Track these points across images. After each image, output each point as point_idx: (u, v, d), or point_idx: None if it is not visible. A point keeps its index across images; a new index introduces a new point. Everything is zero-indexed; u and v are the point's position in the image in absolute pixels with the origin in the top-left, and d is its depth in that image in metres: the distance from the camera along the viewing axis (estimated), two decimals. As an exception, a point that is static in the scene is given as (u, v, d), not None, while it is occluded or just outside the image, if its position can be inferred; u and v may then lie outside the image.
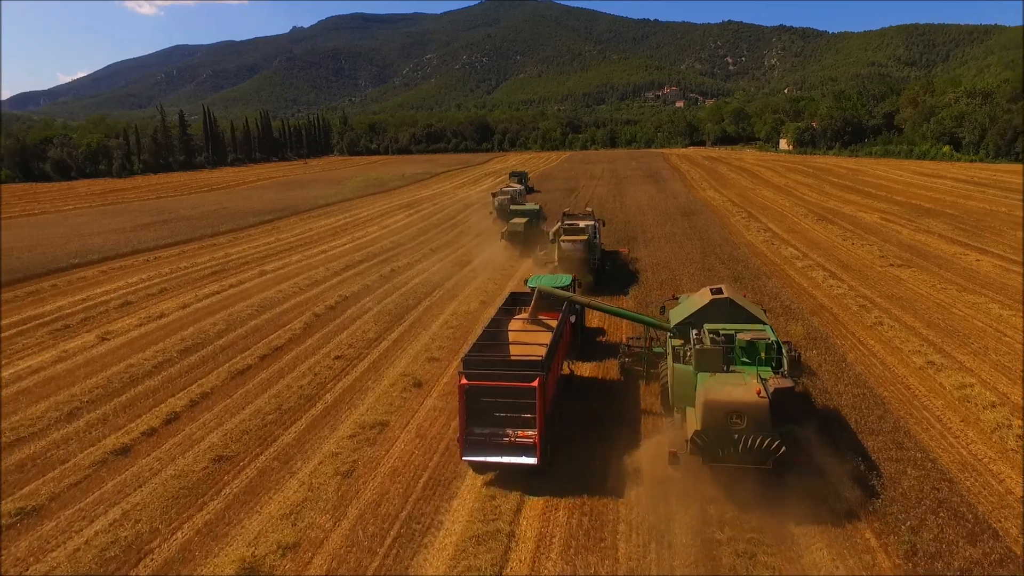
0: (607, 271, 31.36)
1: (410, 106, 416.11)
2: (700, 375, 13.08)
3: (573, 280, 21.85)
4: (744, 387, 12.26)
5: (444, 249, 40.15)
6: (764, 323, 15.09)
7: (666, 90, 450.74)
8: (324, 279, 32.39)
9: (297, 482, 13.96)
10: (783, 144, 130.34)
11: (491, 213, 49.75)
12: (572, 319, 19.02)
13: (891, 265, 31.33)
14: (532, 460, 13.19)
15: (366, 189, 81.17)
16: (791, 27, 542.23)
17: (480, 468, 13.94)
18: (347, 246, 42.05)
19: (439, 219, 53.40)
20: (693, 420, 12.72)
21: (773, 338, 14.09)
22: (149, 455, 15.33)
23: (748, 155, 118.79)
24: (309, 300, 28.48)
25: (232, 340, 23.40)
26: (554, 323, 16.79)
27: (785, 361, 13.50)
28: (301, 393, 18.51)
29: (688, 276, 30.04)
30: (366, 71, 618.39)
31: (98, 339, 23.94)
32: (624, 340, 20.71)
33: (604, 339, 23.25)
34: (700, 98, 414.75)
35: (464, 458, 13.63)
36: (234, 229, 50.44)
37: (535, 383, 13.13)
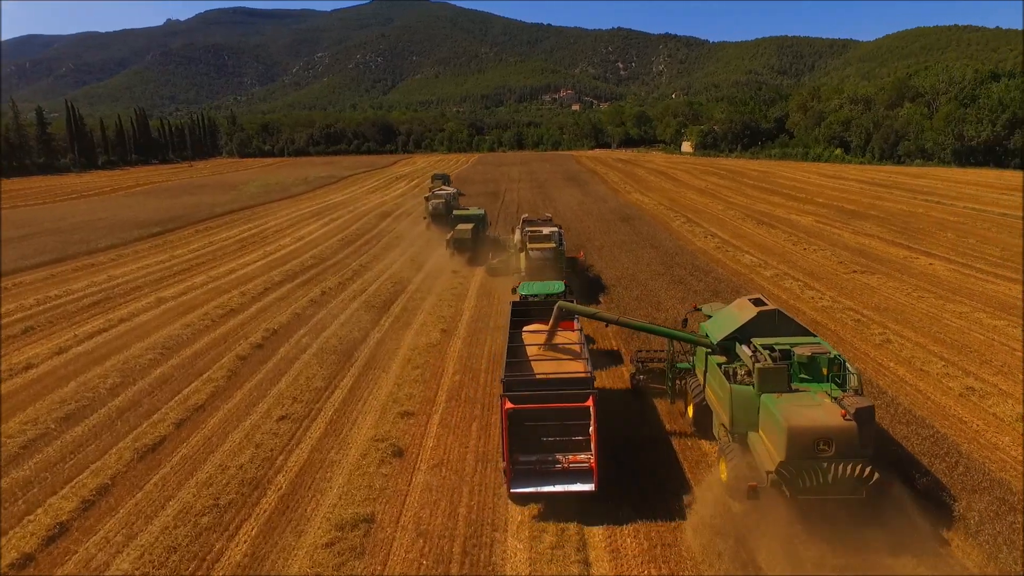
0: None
1: (302, 106, 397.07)
2: (765, 397, 11.88)
3: (567, 287, 20.36)
4: (825, 409, 11.20)
5: (376, 264, 35.63)
6: (814, 336, 13.71)
7: (562, 93, 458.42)
8: (241, 307, 27.12)
9: (264, 634, 9.70)
10: (686, 147, 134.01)
11: (424, 219, 45.93)
12: None
13: (854, 272, 30.53)
14: (589, 486, 12.16)
15: (267, 195, 73.91)
16: (676, 35, 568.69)
17: (525, 500, 12.57)
18: (260, 263, 36.46)
19: (360, 228, 48.42)
20: (769, 448, 11.52)
21: (834, 352, 12.78)
22: (25, 605, 10.41)
23: (657, 157, 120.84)
24: (228, 337, 23.33)
25: (133, 399, 18.13)
26: (571, 334, 15.85)
27: (854, 377, 12.13)
28: (243, 477, 13.94)
29: (663, 291, 27.60)
30: (252, 68, 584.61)
31: (-63, 408, 17.84)
32: (633, 355, 18.91)
33: (594, 347, 20.99)
34: (595, 101, 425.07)
35: (512, 491, 12.34)
36: (116, 245, 42.98)
37: (589, 402, 12.18)
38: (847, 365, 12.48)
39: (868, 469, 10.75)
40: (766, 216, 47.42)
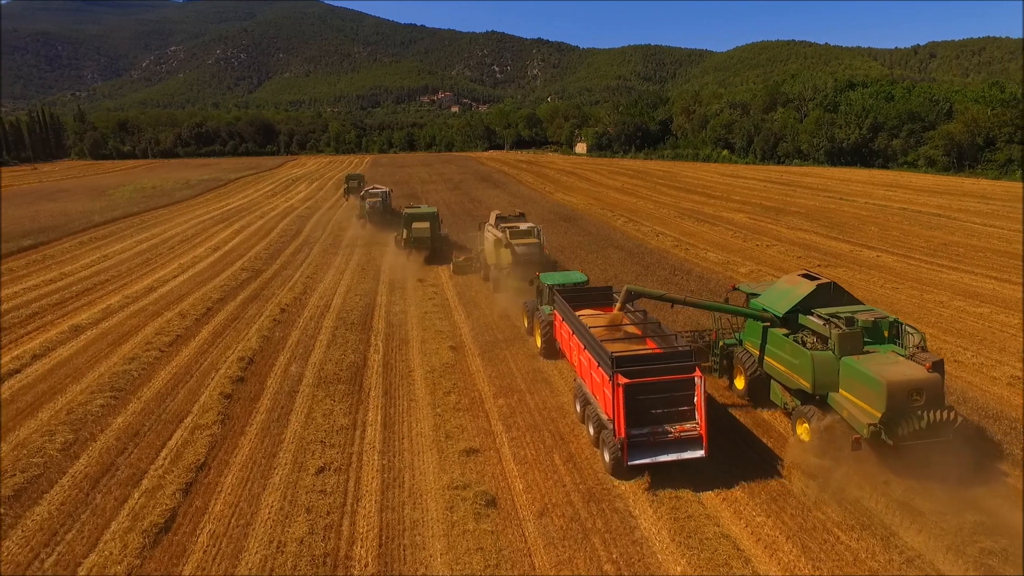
0: None
1: (155, 103, 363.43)
2: (847, 359, 13.05)
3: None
4: (908, 365, 12.62)
5: (324, 274, 31.90)
6: (863, 304, 15.05)
7: (440, 95, 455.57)
8: (189, 332, 22.78)
9: None
10: (580, 148, 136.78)
11: (360, 218, 43.20)
12: None
13: (819, 266, 31.43)
14: (700, 452, 12.86)
15: (147, 201, 65.50)
16: (548, 41, 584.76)
17: (637, 471, 12.91)
18: (182, 278, 31.44)
19: (282, 234, 43.69)
20: (861, 405, 12.61)
21: (891, 317, 14.30)
22: None
23: (556, 159, 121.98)
24: (190, 370, 19.29)
25: (101, 460, 14.14)
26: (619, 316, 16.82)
27: (915, 336, 13.64)
28: (311, 556, 10.95)
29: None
30: (92, 61, 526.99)
31: None
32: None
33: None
34: (474, 104, 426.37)
35: (630, 463, 12.69)
36: (-20, 262, 35.46)
37: (696, 373, 13.07)
38: (906, 327, 13.96)
39: (953, 414, 12.17)
40: (700, 214, 48.47)
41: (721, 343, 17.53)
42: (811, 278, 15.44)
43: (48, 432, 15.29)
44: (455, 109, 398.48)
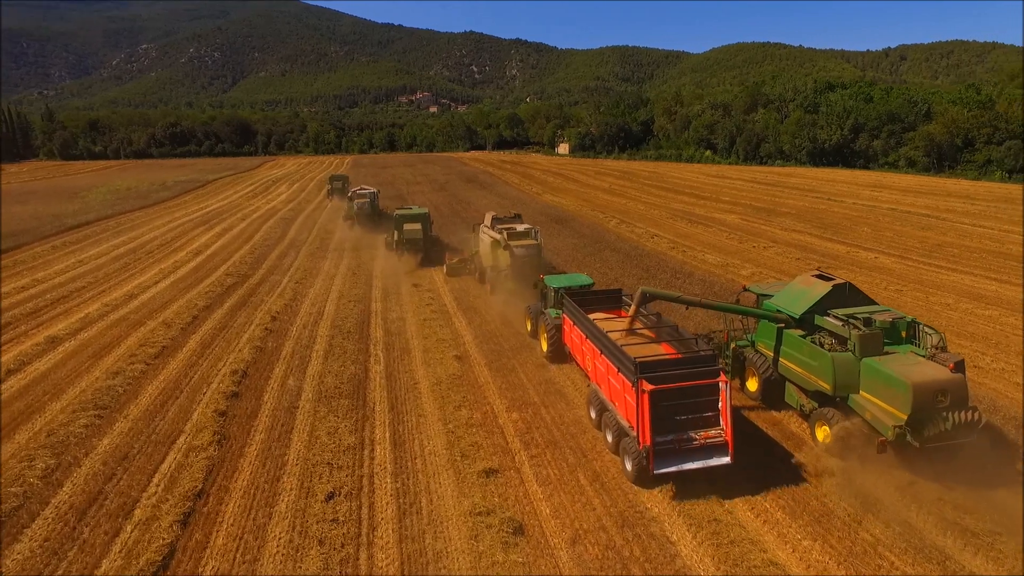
0: None
1: (126, 102, 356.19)
2: (868, 361, 12.83)
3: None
4: (930, 366, 12.48)
5: (314, 279, 30.71)
6: (878, 304, 14.84)
7: (418, 95, 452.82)
8: (176, 343, 21.53)
9: None
10: (562, 148, 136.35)
11: (347, 219, 42.24)
12: None
13: (819, 268, 31.05)
14: (726, 459, 12.46)
15: (122, 203, 63.40)
16: (527, 41, 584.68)
17: (666, 479, 12.55)
18: (164, 284, 30.05)
19: (265, 238, 42.27)
20: (885, 407, 12.39)
21: (909, 317, 14.21)
22: None
23: (539, 159, 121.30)
24: (179, 384, 18.11)
25: (87, 489, 13.04)
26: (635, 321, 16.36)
27: (934, 336, 13.49)
28: (329, 595, 9.94)
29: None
30: (61, 59, 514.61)
31: None
32: None
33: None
34: (452, 104, 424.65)
35: (656, 472, 12.30)
36: (-54, 269, 33.61)
37: (721, 378, 12.68)
38: (924, 327, 13.78)
39: (977, 414, 12.09)
40: (691, 215, 48.08)
41: (732, 345, 17.23)
42: (826, 278, 15.24)
43: (27, 457, 14.08)
44: (434, 109, 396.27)
